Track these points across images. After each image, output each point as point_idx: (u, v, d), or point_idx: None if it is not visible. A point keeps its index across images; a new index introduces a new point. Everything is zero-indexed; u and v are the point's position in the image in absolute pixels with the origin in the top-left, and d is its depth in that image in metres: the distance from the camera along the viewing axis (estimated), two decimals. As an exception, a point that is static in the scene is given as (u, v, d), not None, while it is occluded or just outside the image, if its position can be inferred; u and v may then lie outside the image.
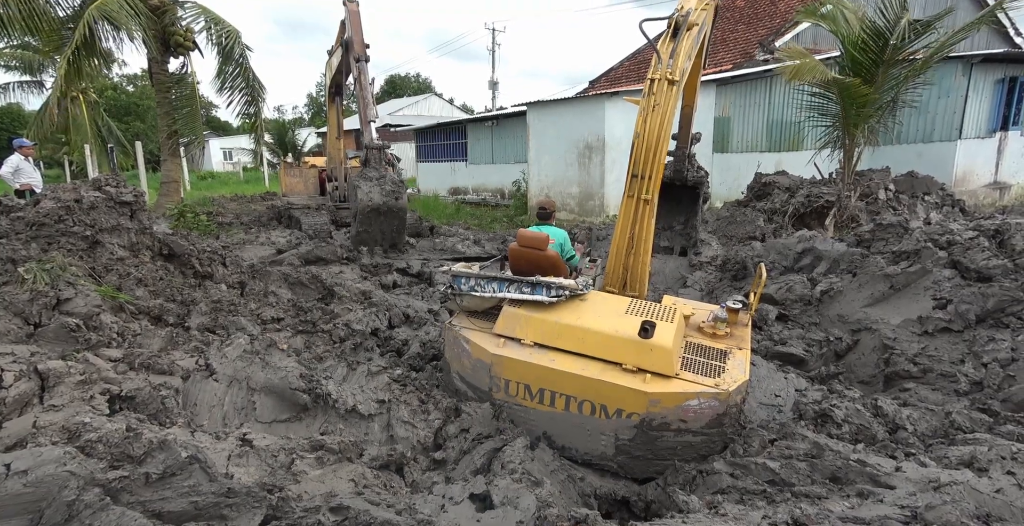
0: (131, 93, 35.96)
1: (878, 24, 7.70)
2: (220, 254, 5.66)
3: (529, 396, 3.18)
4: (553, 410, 3.13)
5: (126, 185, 4.73)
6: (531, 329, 3.22)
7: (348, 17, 7.91)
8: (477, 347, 3.28)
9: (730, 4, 17.88)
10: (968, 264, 4.54)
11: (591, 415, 3.06)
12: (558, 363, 3.07)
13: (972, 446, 2.56)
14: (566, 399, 3.08)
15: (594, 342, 3.09)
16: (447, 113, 32.64)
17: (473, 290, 3.44)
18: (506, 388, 3.22)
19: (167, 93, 12.81)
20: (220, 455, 2.48)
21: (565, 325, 3.17)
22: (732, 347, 3.32)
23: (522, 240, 3.76)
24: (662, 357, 2.99)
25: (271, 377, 3.44)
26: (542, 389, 3.12)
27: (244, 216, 12.35)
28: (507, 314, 3.32)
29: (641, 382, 2.95)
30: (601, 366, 3.04)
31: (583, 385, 3.02)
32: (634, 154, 3.68)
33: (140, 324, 3.92)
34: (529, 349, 3.17)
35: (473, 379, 3.39)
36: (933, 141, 11.34)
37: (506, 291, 3.38)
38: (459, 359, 3.44)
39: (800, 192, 9.09)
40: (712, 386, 2.96)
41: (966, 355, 3.80)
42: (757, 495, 2.60)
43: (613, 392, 2.97)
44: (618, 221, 3.88)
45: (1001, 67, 10.96)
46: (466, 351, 3.34)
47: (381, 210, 7.16)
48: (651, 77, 3.64)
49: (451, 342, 3.49)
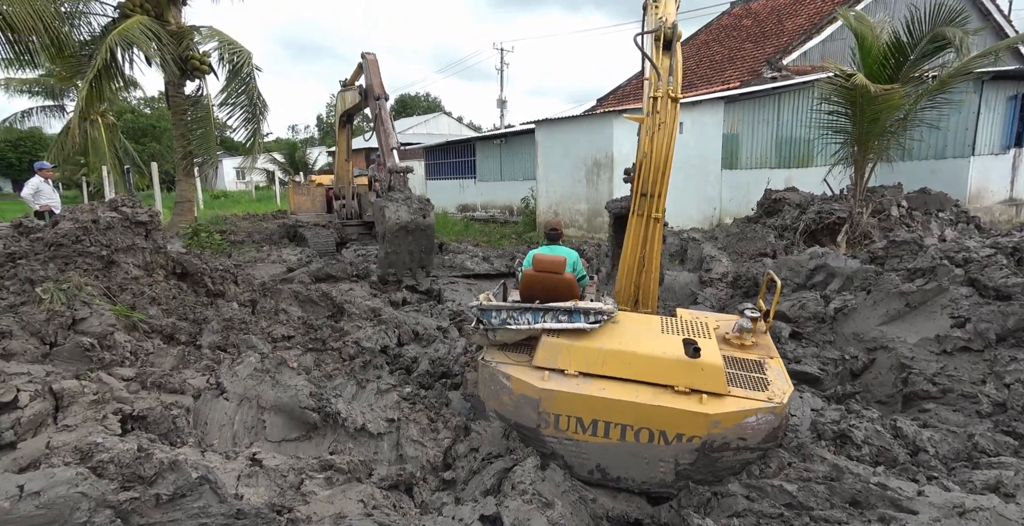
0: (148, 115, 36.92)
1: (902, 39, 7.71)
2: (232, 272, 5.73)
3: (581, 429, 3.00)
4: (608, 441, 2.99)
5: (141, 205, 4.83)
6: (574, 358, 3.07)
7: (367, 66, 8.61)
8: (520, 383, 3.07)
9: (737, 23, 18.10)
10: (986, 282, 4.47)
11: (649, 442, 2.93)
12: (609, 391, 2.94)
13: (997, 470, 2.48)
14: (622, 429, 2.94)
15: (642, 366, 3.01)
16: (456, 131, 33.09)
17: (506, 323, 3.22)
18: (556, 423, 3.02)
19: (183, 115, 13.14)
20: (230, 475, 2.47)
21: (609, 351, 3.05)
22: (763, 357, 3.28)
23: (539, 265, 3.66)
24: (714, 376, 2.94)
25: (281, 396, 3.44)
26: (595, 420, 2.96)
27: (256, 234, 12.50)
28: (547, 345, 3.15)
29: (699, 404, 2.87)
30: (652, 390, 2.94)
31: (639, 412, 2.90)
32: (642, 173, 3.69)
33: (153, 343, 3.96)
34: (575, 380, 3.01)
35: (516, 416, 3.15)
36: (946, 157, 11.27)
37: (542, 321, 3.19)
38: (497, 397, 3.19)
39: (811, 208, 9.04)
40: (766, 400, 2.92)
41: (987, 375, 3.71)
42: (774, 519, 2.53)
43: (672, 417, 2.86)
44: (627, 240, 3.87)
45: (1013, 84, 10.94)
46: (506, 388, 3.11)
47: (409, 228, 7.24)
48: (653, 95, 3.64)
49: (487, 380, 3.24)
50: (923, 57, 7.67)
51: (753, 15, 17.81)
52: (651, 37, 4.03)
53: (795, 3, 16.55)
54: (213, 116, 13.59)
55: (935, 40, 7.45)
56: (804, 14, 15.54)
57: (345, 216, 11.45)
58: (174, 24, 12.39)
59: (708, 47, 17.85)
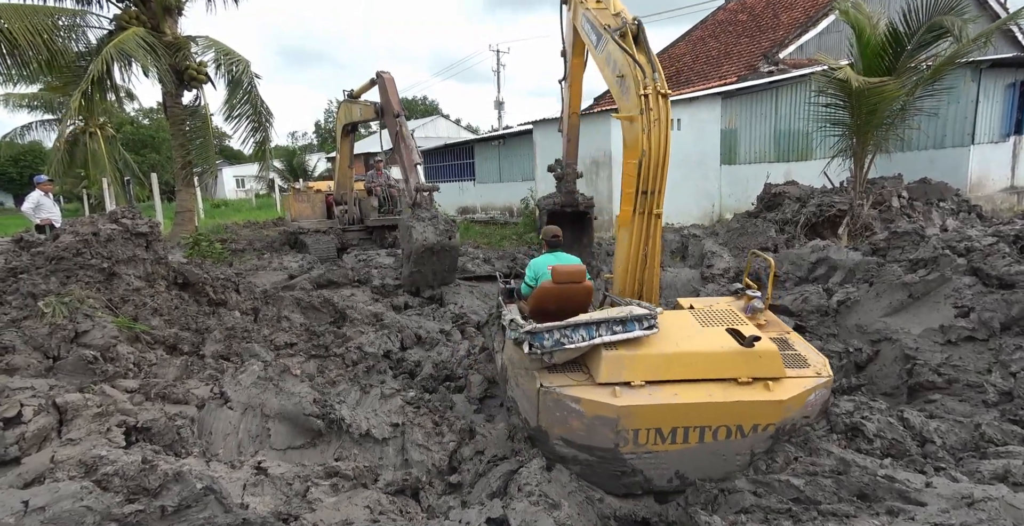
0: (147, 126, 37.08)
1: (899, 29, 7.67)
2: (233, 281, 5.74)
3: (661, 439, 2.94)
4: (687, 446, 2.95)
5: (141, 216, 4.84)
6: (639, 368, 2.99)
7: (384, 85, 8.61)
8: (593, 404, 2.91)
9: (732, 18, 18.08)
10: (989, 271, 4.44)
11: (727, 439, 2.94)
12: (683, 396, 2.90)
13: (1005, 460, 2.46)
14: (700, 431, 2.92)
15: (704, 364, 3.00)
16: (454, 134, 33.12)
17: (560, 343, 3.03)
18: (635, 439, 2.93)
19: (181, 125, 13.18)
20: (235, 485, 2.47)
21: (671, 355, 3.02)
22: (783, 333, 3.32)
23: (561, 276, 3.55)
24: (773, 361, 3.01)
25: (285, 403, 3.44)
26: (675, 428, 2.92)
27: (257, 242, 12.53)
28: (610, 359, 3.02)
29: (770, 392, 2.92)
30: (720, 387, 2.94)
31: (718, 411, 2.88)
32: (643, 171, 3.66)
33: (156, 354, 3.97)
34: (646, 390, 2.94)
35: (590, 440, 2.99)
36: (945, 147, 11.22)
37: (598, 335, 3.05)
38: (565, 423, 3.00)
39: (811, 201, 9.00)
40: (816, 375, 3.02)
41: (993, 364, 3.68)
42: (782, 514, 2.52)
43: (749, 409, 2.89)
44: (629, 238, 3.85)
45: (1011, 72, 10.89)
46: (577, 412, 2.94)
47: (435, 249, 7.27)
48: (644, 93, 3.62)
49: (550, 407, 3.01)
50: (920, 47, 7.63)
51: (748, 10, 17.78)
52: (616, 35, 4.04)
53: (789, -4, 16.52)
54: (211, 125, 13.62)
55: (932, 29, 7.41)
56: (800, 7, 15.50)
57: (347, 222, 11.50)
58: (170, 35, 12.43)
59: (704, 43, 17.83)
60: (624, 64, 3.82)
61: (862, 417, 3.17)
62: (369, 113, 9.47)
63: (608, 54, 4.16)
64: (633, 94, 3.67)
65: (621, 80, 3.88)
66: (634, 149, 3.71)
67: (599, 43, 4.43)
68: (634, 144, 3.71)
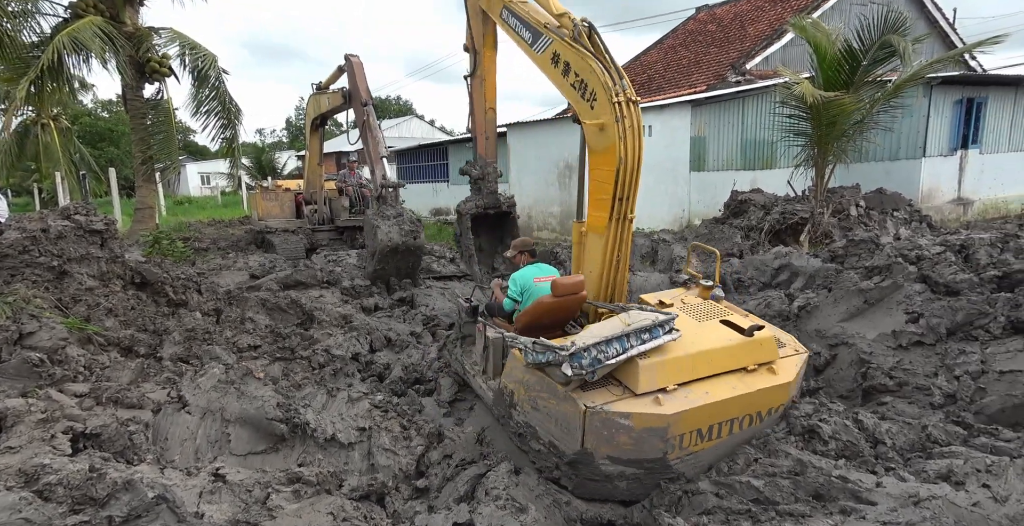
0: (105, 119, 35.56)
1: (853, 46, 8.01)
2: (195, 281, 5.55)
3: (700, 439, 3.01)
4: (720, 440, 3.06)
5: (96, 213, 4.64)
6: (670, 373, 3.03)
7: (352, 69, 8.36)
8: (643, 416, 2.89)
9: (702, 28, 18.54)
10: (937, 278, 4.67)
11: (750, 426, 3.14)
12: (715, 393, 2.98)
13: (948, 460, 2.59)
14: (730, 423, 3.06)
15: (719, 359, 3.14)
16: (428, 135, 32.90)
17: (598, 361, 2.95)
18: (680, 443, 2.96)
19: (142, 119, 12.70)
20: (191, 492, 2.38)
21: (694, 355, 3.08)
22: (749, 317, 3.53)
23: (563, 289, 3.54)
24: (771, 347, 3.25)
25: (247, 407, 3.35)
26: (711, 426, 3.01)
27: (222, 241, 12.17)
28: (646, 368, 3.00)
29: (775, 376, 3.14)
30: (736, 378, 3.10)
31: (743, 402, 3.04)
32: (620, 178, 3.69)
33: (109, 356, 3.80)
34: (681, 393, 2.98)
35: (640, 453, 2.97)
36: (899, 159, 11.76)
37: (630, 346, 3.01)
38: (612, 441, 2.95)
39: (775, 209, 9.29)
40: (796, 352, 3.32)
41: (939, 368, 3.87)
42: (742, 515, 2.58)
43: (767, 396, 3.09)
44: (604, 244, 3.87)
45: (959, 89, 11.49)
46: (626, 427, 2.90)
47: (399, 249, 7.27)
48: (617, 100, 3.62)
49: (597, 427, 2.92)
50: (875, 62, 7.99)
51: (717, 20, 18.27)
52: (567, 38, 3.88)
53: (756, 9, 17.04)
54: (174, 120, 13.17)
55: (884, 47, 7.78)
56: (765, 20, 16.01)
57: (316, 222, 11.28)
58: (130, 25, 11.96)
59: (675, 51, 18.23)
60: (588, 70, 3.74)
61: (819, 419, 3.28)
62: (337, 100, 9.26)
63: (556, 56, 4.03)
64: (604, 101, 3.66)
65: (582, 85, 3.83)
66: (605, 155, 3.73)
67: (538, 42, 4.24)
68: (605, 151, 3.73)
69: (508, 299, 4.06)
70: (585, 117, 3.82)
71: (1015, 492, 2.15)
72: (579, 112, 3.93)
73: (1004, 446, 2.85)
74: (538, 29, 4.22)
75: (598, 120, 3.68)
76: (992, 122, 12.01)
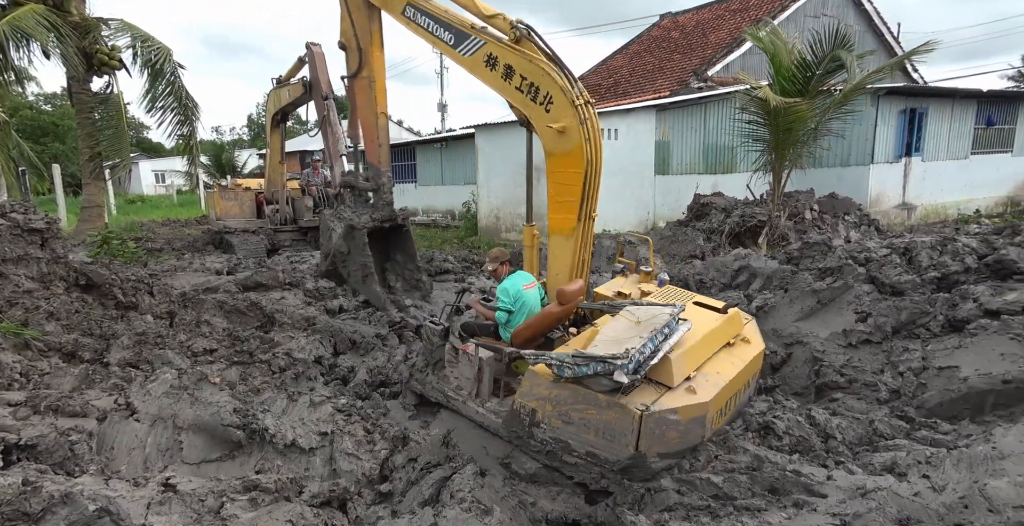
0: (49, 113, 33.61)
1: (807, 57, 8.37)
2: (147, 283, 5.31)
3: (721, 416, 3.24)
4: (729, 413, 3.36)
5: (36, 211, 4.38)
6: (689, 361, 3.15)
7: (314, 59, 8.11)
8: (687, 408, 2.98)
9: (666, 35, 18.98)
10: (883, 279, 4.91)
11: (744, 394, 3.51)
12: (725, 371, 3.23)
13: (893, 452, 2.72)
14: (735, 396, 3.36)
15: (713, 339, 3.41)
16: (395, 135, 32.45)
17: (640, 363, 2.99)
18: (712, 424, 3.11)
19: (90, 114, 12.08)
20: (138, 504, 2.27)
21: (701, 339, 3.29)
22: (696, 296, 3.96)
23: (569, 296, 3.60)
24: (739, 320, 3.63)
25: (201, 413, 3.22)
26: (727, 401, 3.27)
27: (177, 241, 11.71)
28: (676, 361, 3.09)
29: (752, 345, 3.53)
30: (726, 353, 3.40)
31: (744, 374, 3.37)
32: (587, 180, 3.73)
33: (49, 362, 3.59)
34: (703, 378, 3.10)
35: (685, 443, 3.04)
36: (850, 165, 12.33)
37: (660, 343, 3.10)
38: (663, 438, 3.00)
39: (735, 212, 9.59)
40: (747, 320, 3.79)
41: (885, 365, 4.06)
42: (702, 511, 2.64)
43: (755, 364, 3.51)
44: (574, 244, 3.91)
45: (903, 99, 12.14)
46: (674, 422, 2.98)
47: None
48: (578, 103, 3.63)
49: (651, 428, 2.94)
50: (827, 73, 8.37)
51: (681, 27, 18.74)
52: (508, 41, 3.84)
53: (717, 18, 17.57)
54: (126, 115, 12.57)
55: (836, 59, 8.18)
56: (725, 28, 16.53)
57: (278, 222, 10.98)
58: (76, 15, 11.37)
59: (640, 57, 18.60)
60: (539, 73, 3.70)
61: (774, 416, 3.40)
62: (298, 91, 8.91)
63: (493, 59, 3.92)
64: (565, 104, 3.65)
65: (533, 89, 3.77)
66: (568, 158, 3.74)
67: (465, 44, 4.05)
68: (567, 153, 3.73)
69: (501, 312, 3.85)
70: (540, 121, 3.77)
71: (951, 482, 2.28)
72: (531, 116, 3.86)
73: (942, 438, 3.01)
74: (463, 30, 4.06)
75: (558, 123, 3.66)
76: (932, 131, 12.74)
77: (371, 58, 5.29)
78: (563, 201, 3.85)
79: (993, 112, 13.56)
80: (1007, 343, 3.64)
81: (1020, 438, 2.46)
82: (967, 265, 4.81)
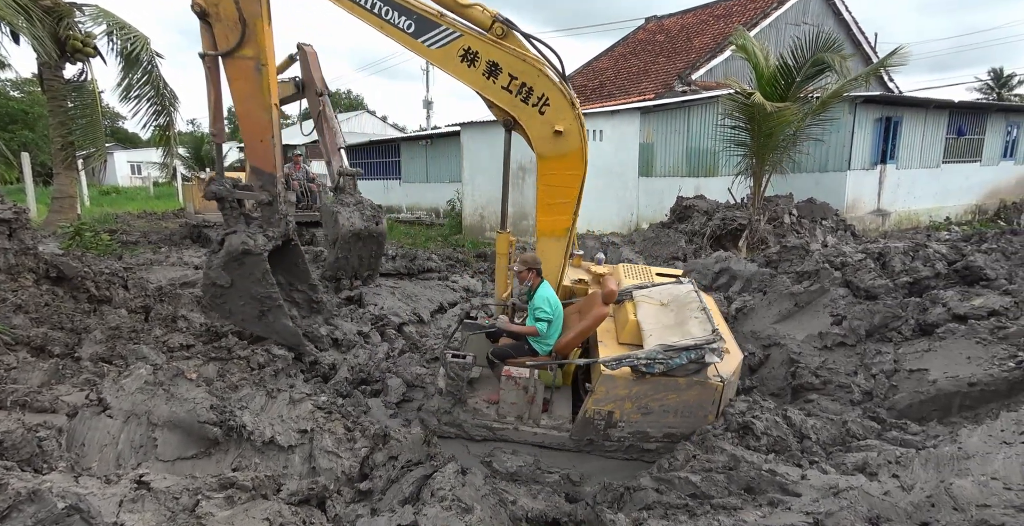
0: (18, 99, 32.48)
1: (788, 63, 8.53)
2: (121, 276, 5.18)
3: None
4: None
5: (3, 200, 4.23)
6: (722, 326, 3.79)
7: (305, 59, 8.03)
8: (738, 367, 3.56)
9: (651, 38, 19.16)
10: (858, 284, 5.03)
11: None
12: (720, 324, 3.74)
13: (864, 452, 2.80)
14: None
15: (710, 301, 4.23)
16: (380, 131, 32.14)
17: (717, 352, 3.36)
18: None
19: (62, 102, 11.70)
20: (110, 501, 2.21)
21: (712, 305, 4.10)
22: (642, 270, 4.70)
23: (613, 297, 3.79)
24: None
25: (176, 410, 3.15)
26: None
27: (153, 234, 11.43)
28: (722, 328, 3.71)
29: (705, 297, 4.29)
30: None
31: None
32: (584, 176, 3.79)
33: (17, 356, 3.48)
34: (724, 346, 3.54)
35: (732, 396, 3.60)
36: (828, 171, 12.60)
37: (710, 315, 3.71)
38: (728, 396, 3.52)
39: (717, 215, 9.74)
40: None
41: (858, 367, 4.17)
42: (680, 509, 2.68)
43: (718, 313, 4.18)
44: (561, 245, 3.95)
45: (879, 108, 12.46)
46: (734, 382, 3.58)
47: (362, 235, 7.05)
48: (573, 101, 3.60)
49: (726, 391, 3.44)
50: (807, 79, 8.55)
51: (665, 31, 18.93)
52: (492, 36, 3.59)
53: (701, 23, 17.79)
54: (100, 104, 12.22)
55: (816, 64, 8.35)
56: (709, 33, 16.75)
57: None
58: (49, -1, 11.02)
59: (626, 59, 18.73)
60: (534, 74, 3.51)
61: (753, 416, 3.46)
62: (288, 90, 8.86)
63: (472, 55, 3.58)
64: (565, 106, 3.57)
65: (524, 89, 3.56)
66: (563, 160, 3.71)
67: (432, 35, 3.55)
68: (563, 156, 3.69)
69: (543, 322, 3.74)
70: (533, 123, 3.63)
71: (919, 481, 2.35)
72: (522, 118, 3.66)
73: (911, 439, 3.11)
74: (428, 18, 3.56)
75: (556, 125, 3.61)
76: (907, 139, 13.09)
77: (258, 33, 3.96)
78: (555, 203, 3.85)
79: (964, 123, 14.00)
80: (973, 347, 3.77)
81: (984, 439, 2.55)
82: (937, 270, 4.96)
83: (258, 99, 4.18)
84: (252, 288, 4.45)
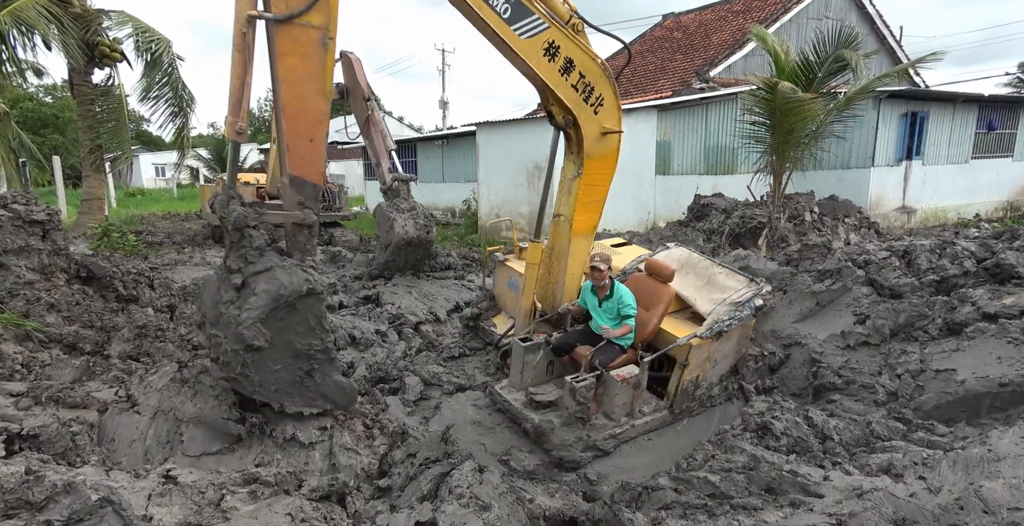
0: (49, 104, 33.50)
1: (810, 58, 8.37)
2: (147, 276, 5.31)
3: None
4: None
5: (37, 203, 4.38)
6: None
7: (351, 66, 8.23)
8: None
9: (668, 35, 18.96)
10: (883, 282, 4.92)
11: None
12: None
13: (889, 453, 2.74)
14: None
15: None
16: (396, 131, 32.38)
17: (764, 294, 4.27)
18: None
19: (90, 106, 12.06)
20: (139, 495, 2.28)
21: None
22: None
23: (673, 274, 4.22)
24: None
25: (201, 407, 3.23)
26: None
27: (177, 235, 11.71)
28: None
29: None
30: None
31: None
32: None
33: (51, 353, 3.60)
34: None
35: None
36: (850, 168, 12.34)
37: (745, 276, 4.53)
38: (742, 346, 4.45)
39: (735, 213, 9.60)
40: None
41: (883, 367, 4.08)
42: (699, 509, 2.66)
43: None
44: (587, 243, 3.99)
45: (904, 103, 12.15)
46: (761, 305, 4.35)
47: (413, 243, 7.46)
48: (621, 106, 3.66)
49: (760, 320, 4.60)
50: (830, 75, 8.38)
51: (683, 28, 18.72)
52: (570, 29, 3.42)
53: (720, 19, 17.55)
54: (126, 108, 12.55)
55: (839, 60, 8.17)
56: (728, 30, 16.51)
57: None
58: (78, 6, 11.34)
59: (642, 57, 18.57)
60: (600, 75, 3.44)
61: (772, 417, 3.41)
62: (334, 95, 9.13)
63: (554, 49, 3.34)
64: (616, 108, 3.61)
65: (588, 89, 3.46)
66: (605, 161, 3.79)
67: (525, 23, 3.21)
68: (604, 156, 3.77)
69: (631, 319, 3.83)
70: (587, 121, 3.59)
71: (947, 483, 2.30)
72: (580, 117, 3.56)
73: (938, 440, 3.03)
74: (525, 5, 3.20)
75: (604, 126, 3.62)
76: (933, 135, 12.75)
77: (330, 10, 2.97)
78: (590, 202, 3.90)
79: (994, 117, 13.57)
80: (1004, 347, 3.66)
81: (1016, 441, 2.48)
82: (966, 269, 4.82)
83: (317, 83, 3.10)
84: (299, 342, 3.16)
